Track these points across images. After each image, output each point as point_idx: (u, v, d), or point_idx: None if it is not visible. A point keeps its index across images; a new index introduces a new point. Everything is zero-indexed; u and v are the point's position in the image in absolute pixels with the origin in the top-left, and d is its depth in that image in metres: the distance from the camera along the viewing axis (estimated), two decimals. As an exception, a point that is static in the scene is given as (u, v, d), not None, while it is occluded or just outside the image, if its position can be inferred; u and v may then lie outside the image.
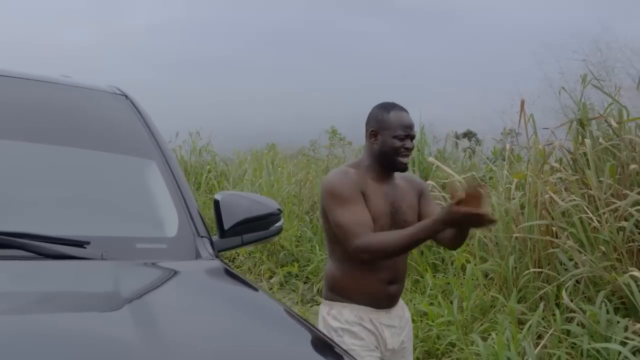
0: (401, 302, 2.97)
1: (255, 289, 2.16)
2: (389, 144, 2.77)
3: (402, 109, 2.84)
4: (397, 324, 2.88)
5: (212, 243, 2.39)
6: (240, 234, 2.53)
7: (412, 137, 2.81)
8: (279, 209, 2.67)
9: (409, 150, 2.79)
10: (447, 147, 9.43)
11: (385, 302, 2.85)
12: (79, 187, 2.43)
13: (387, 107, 2.84)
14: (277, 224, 2.68)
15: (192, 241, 2.30)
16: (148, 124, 2.74)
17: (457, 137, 11.48)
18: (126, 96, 2.88)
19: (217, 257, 2.29)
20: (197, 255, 2.24)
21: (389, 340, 2.83)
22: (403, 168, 2.82)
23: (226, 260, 2.44)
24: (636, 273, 3.87)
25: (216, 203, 2.53)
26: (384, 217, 2.77)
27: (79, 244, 1.98)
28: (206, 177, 11.28)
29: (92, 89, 2.87)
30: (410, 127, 2.81)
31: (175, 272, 2.11)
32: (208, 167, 11.64)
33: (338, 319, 2.82)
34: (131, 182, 2.62)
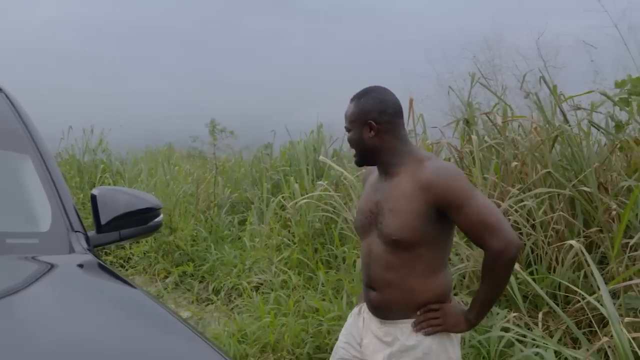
0: (406, 328, 2.50)
1: (128, 284, 2.14)
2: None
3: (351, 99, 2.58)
4: (389, 341, 2.53)
5: (87, 238, 2.36)
6: (118, 229, 2.51)
7: (345, 130, 2.57)
8: (158, 204, 2.66)
9: (350, 142, 2.58)
10: (344, 146, 9.54)
11: (370, 306, 2.62)
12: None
13: (383, 90, 2.56)
14: (157, 219, 2.67)
15: (65, 236, 2.26)
16: (23, 118, 2.68)
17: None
18: (0, 90, 2.80)
19: (91, 251, 2.25)
20: (71, 250, 2.20)
21: (367, 348, 2.61)
22: (355, 162, 2.62)
23: (100, 255, 2.40)
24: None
25: (93, 198, 2.50)
26: (363, 215, 2.57)
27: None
28: (101, 176, 11.01)
29: None
30: (345, 117, 2.57)
31: (46, 266, 2.07)
32: (103, 166, 11.37)
33: None
34: (3, 177, 2.55)
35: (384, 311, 2.54)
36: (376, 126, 2.47)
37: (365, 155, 2.55)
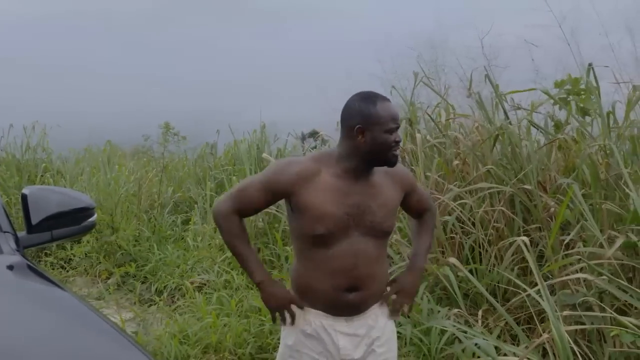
0: (376, 311, 2.65)
1: (57, 286, 2.08)
2: (381, 139, 2.45)
3: (385, 98, 2.53)
4: (363, 333, 2.61)
5: (17, 239, 2.29)
6: (51, 229, 2.45)
7: (398, 129, 2.54)
8: (91, 204, 2.60)
9: (399, 143, 2.52)
10: (288, 145, 9.53)
11: (343, 310, 2.60)
12: None
13: (371, 98, 2.50)
14: (91, 219, 2.61)
15: (-8, 237, 2.20)
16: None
17: (303, 137, 11.62)
18: None
19: (20, 253, 2.19)
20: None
21: (347, 350, 2.59)
22: (395, 162, 2.54)
23: (40, 256, 2.33)
24: (452, 260, 4.04)
25: (23, 198, 2.44)
26: (332, 220, 2.48)
27: None
28: (41, 176, 10.77)
29: None
30: (398, 118, 2.53)
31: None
32: (43, 165, 11.11)
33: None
34: None
35: (359, 308, 2.61)
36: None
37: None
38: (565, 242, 4.06)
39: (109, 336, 1.69)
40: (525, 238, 3.77)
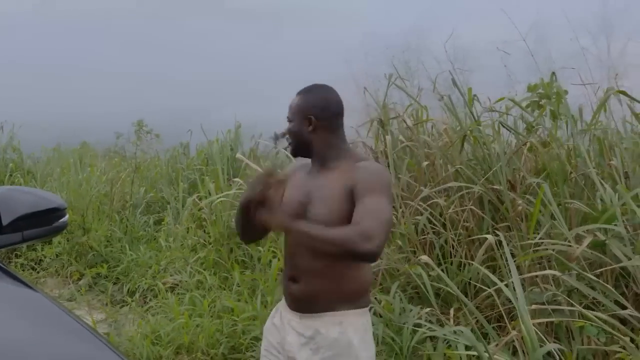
0: (332, 320, 2.52)
1: (28, 286, 2.08)
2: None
3: (298, 92, 2.66)
4: (309, 335, 2.53)
5: (-14, 240, 2.29)
6: (21, 230, 2.44)
7: (287, 120, 2.64)
8: (63, 205, 2.59)
9: (285, 134, 2.66)
10: (261, 145, 9.52)
11: (289, 301, 2.62)
12: None
13: (329, 89, 2.67)
14: (62, 220, 2.60)
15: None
16: None
17: (276, 137, 11.65)
18: None
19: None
20: (-31, 252, 2.14)
21: (292, 346, 2.57)
22: (290, 152, 2.72)
23: (10, 257, 2.32)
24: (425, 258, 4.08)
25: (-7, 199, 2.42)
26: (292, 206, 2.52)
27: None
28: (10, 176, 10.67)
29: None
30: (290, 109, 2.64)
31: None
32: (11, 165, 11.01)
33: None
34: None
35: (306, 304, 2.56)
36: (315, 122, 2.55)
37: (300, 148, 2.63)
38: (535, 240, 4.11)
39: (82, 337, 1.69)
40: (489, 236, 3.85)
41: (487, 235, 4.21)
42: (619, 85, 4.76)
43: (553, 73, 4.99)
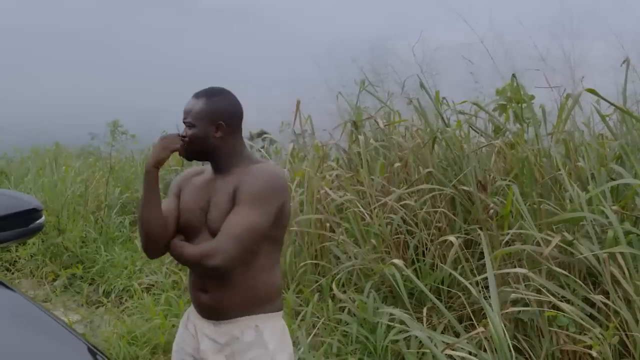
0: (248, 323, 2.54)
1: (5, 286, 2.12)
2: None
3: (194, 95, 2.59)
4: (224, 342, 2.54)
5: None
6: (-4, 232, 2.48)
7: (186, 124, 2.55)
8: (39, 206, 2.63)
9: (184, 137, 2.54)
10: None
11: (200, 309, 2.61)
12: None
13: (229, 94, 2.64)
14: (38, 221, 2.64)
15: None
16: None
17: (251, 137, 11.69)
18: None
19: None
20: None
21: (206, 354, 2.57)
22: (184, 157, 2.61)
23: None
24: (397, 261, 4.17)
25: (-33, 200, 2.46)
26: (194, 213, 2.55)
27: None
28: (-18, 176, 10.64)
29: None
30: (186, 111, 2.57)
31: None
32: (-18, 166, 10.99)
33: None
34: None
35: (218, 312, 2.56)
36: (225, 128, 2.53)
37: (201, 152, 2.58)
38: (504, 240, 4.22)
39: (57, 334, 1.73)
40: (452, 238, 3.95)
41: (450, 237, 4.33)
42: (584, 88, 4.88)
43: (513, 75, 5.10)
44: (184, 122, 2.57)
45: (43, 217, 2.72)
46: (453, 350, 3.29)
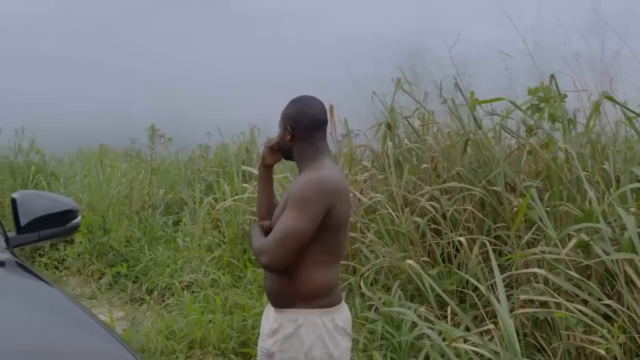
0: (287, 316, 2.73)
1: (45, 281, 2.29)
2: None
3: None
4: (275, 328, 2.75)
5: (7, 239, 2.53)
6: (38, 230, 2.69)
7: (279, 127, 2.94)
8: (76, 207, 2.84)
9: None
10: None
11: (267, 295, 2.89)
12: None
13: (305, 100, 2.89)
14: (75, 221, 2.85)
15: (-16, 237, 2.43)
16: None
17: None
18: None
19: (10, 251, 2.42)
20: (-9, 250, 2.38)
21: (264, 334, 2.85)
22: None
23: (20, 254, 2.55)
24: (411, 262, 4.29)
25: (13, 201, 2.69)
26: (279, 208, 2.78)
27: None
28: (33, 177, 10.96)
29: None
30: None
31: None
32: (34, 167, 11.30)
33: None
34: None
35: (272, 298, 2.82)
36: (291, 132, 2.80)
37: (284, 153, 2.92)
38: (523, 241, 4.29)
39: (93, 330, 1.84)
40: (463, 239, 4.02)
41: (461, 238, 4.42)
42: (613, 89, 4.90)
43: (552, 76, 5.12)
44: None
45: (79, 217, 2.94)
46: (463, 344, 3.39)
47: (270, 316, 2.82)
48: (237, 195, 7.65)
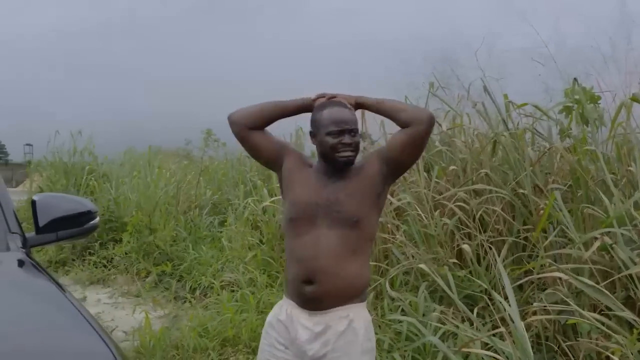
0: (340, 313, 2.70)
1: (52, 280, 2.40)
2: (323, 142, 2.71)
3: (335, 104, 2.78)
4: (319, 330, 2.69)
5: (24, 239, 2.67)
6: (56, 231, 2.83)
7: (349, 132, 2.70)
8: (94, 209, 2.97)
9: (348, 145, 2.70)
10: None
11: (303, 302, 2.73)
12: None
13: (322, 106, 2.79)
14: (93, 222, 2.97)
15: (3, 237, 2.57)
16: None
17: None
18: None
19: (25, 251, 2.56)
20: (8, 249, 2.51)
21: (303, 342, 2.70)
22: (342, 162, 2.72)
23: (35, 255, 2.69)
24: (423, 266, 4.32)
25: (33, 203, 2.83)
26: (307, 206, 2.72)
27: None
28: (86, 178, 11.25)
29: None
30: (343, 121, 2.70)
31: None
32: (88, 168, 11.61)
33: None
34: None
35: (318, 303, 2.69)
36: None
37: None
38: (544, 244, 4.28)
39: (82, 330, 1.89)
40: (466, 246, 4.02)
41: (468, 243, 4.41)
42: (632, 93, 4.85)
43: (575, 79, 5.09)
44: None
45: (97, 219, 3.06)
46: (473, 348, 3.42)
47: (302, 321, 2.75)
48: (275, 196, 7.76)
